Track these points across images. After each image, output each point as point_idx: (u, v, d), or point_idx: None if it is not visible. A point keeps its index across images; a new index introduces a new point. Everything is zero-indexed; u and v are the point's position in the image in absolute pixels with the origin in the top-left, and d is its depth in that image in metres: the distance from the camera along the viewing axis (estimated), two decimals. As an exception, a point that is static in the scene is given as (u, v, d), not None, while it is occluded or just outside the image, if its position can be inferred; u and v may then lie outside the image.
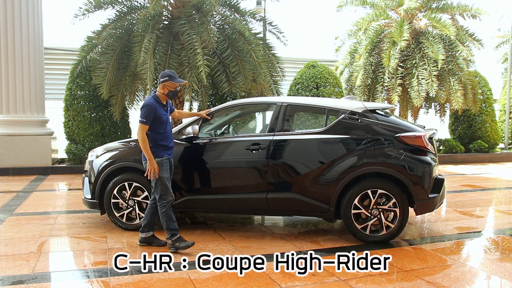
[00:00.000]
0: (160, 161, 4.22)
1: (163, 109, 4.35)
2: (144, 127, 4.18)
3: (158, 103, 4.31)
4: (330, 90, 12.12)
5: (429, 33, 13.29)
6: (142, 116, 4.18)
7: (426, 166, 4.46)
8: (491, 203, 7.23)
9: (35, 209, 6.31)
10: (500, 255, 4.42)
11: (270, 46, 10.71)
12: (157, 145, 4.26)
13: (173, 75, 4.34)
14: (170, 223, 4.22)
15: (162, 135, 4.29)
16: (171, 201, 4.27)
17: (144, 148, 4.17)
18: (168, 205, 4.24)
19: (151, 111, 4.19)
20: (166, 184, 4.23)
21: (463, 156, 14.01)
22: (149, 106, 4.20)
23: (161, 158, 4.24)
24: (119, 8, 10.04)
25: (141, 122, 4.18)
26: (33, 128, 10.83)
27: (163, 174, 4.22)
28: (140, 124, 4.18)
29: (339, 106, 4.78)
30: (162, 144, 4.28)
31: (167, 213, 4.22)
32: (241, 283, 3.44)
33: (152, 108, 4.21)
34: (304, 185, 4.56)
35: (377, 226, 4.49)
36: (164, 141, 4.31)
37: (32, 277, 3.54)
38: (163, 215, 4.23)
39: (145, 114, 4.18)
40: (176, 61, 9.34)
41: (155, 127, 4.25)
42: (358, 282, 3.48)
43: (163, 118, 4.30)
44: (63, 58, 14.66)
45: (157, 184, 4.23)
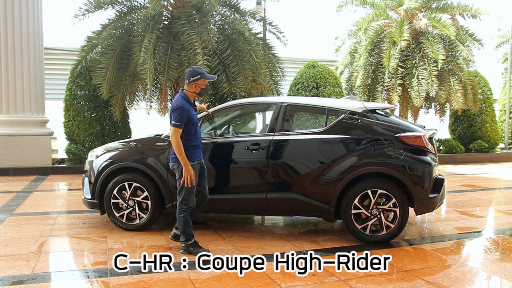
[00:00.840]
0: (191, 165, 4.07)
1: (193, 109, 4.19)
2: (178, 130, 3.98)
3: (189, 103, 4.13)
4: (330, 90, 12.12)
5: (429, 33, 13.29)
6: (176, 120, 3.97)
7: (426, 166, 4.46)
8: (491, 203, 7.23)
9: (35, 209, 6.31)
10: (500, 255, 4.41)
11: (270, 46, 10.71)
12: (188, 149, 4.08)
13: (203, 72, 4.17)
14: (187, 227, 4.13)
15: (193, 136, 4.13)
16: (191, 207, 4.15)
17: (180, 154, 3.98)
18: (188, 211, 4.13)
19: (184, 114, 3.99)
20: (191, 190, 4.10)
21: (463, 156, 14.01)
22: (182, 108, 3.99)
23: (192, 163, 4.08)
24: (119, 8, 10.05)
25: (174, 126, 3.97)
26: (33, 128, 10.83)
27: None
28: (174, 128, 3.97)
29: (339, 106, 4.78)
30: (193, 145, 4.13)
31: (185, 218, 4.12)
32: (241, 283, 3.44)
33: (185, 110, 4.01)
34: (304, 185, 4.56)
35: (377, 226, 4.49)
36: (195, 142, 4.15)
37: (32, 277, 3.54)
38: (181, 219, 4.12)
39: (179, 117, 3.97)
40: (176, 61, 9.34)
41: (187, 129, 4.08)
42: (358, 282, 3.48)
43: (195, 119, 4.15)
44: (63, 58, 14.66)
45: (182, 188, 4.08)
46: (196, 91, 4.17)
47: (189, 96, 4.18)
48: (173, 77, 9.38)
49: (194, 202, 4.16)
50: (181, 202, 4.12)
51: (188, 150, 4.08)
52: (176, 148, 3.99)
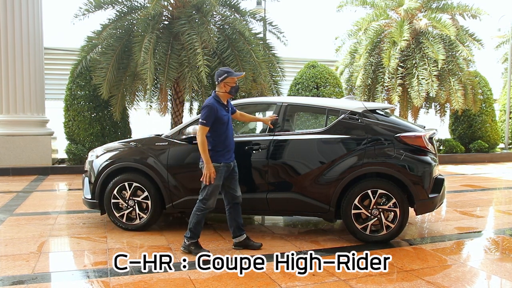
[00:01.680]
0: (216, 167, 4.05)
1: (224, 110, 4.15)
2: (204, 128, 4.00)
3: (219, 103, 4.11)
4: (330, 90, 12.12)
5: (429, 33, 13.29)
6: (203, 118, 4.00)
7: (426, 166, 4.46)
8: (491, 203, 7.23)
9: (35, 209, 6.31)
10: (500, 255, 4.41)
11: (270, 46, 10.71)
12: (216, 149, 4.08)
13: (230, 70, 4.17)
14: (197, 226, 4.13)
15: (222, 137, 4.10)
16: (210, 208, 4.14)
17: (203, 151, 3.99)
18: (205, 212, 4.12)
19: (212, 112, 4.00)
20: (213, 191, 4.08)
21: (463, 156, 14.01)
22: (210, 107, 4.01)
23: (218, 164, 4.06)
24: (119, 8, 10.05)
25: (201, 123, 4.00)
26: (33, 128, 10.83)
27: (215, 181, 4.06)
28: (200, 126, 4.00)
29: (339, 106, 4.78)
30: (222, 147, 4.10)
31: (199, 218, 4.12)
32: (241, 283, 3.44)
33: (213, 109, 4.01)
34: (304, 185, 4.56)
35: (377, 226, 4.49)
36: (224, 144, 4.12)
37: (32, 277, 3.54)
38: (195, 217, 4.12)
39: (206, 115, 3.99)
40: (176, 61, 9.34)
41: (216, 129, 4.06)
42: (358, 282, 3.48)
43: (225, 119, 4.11)
44: (63, 58, 14.66)
45: (205, 187, 4.07)
46: (227, 90, 4.15)
47: (220, 97, 4.16)
48: (173, 77, 9.38)
49: (214, 204, 4.13)
50: (200, 201, 4.12)
51: (216, 151, 4.08)
52: (199, 145, 4.00)
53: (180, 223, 5.56)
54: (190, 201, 4.84)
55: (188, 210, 5.04)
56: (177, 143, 4.89)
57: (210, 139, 4.07)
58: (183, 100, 10.90)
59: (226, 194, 4.28)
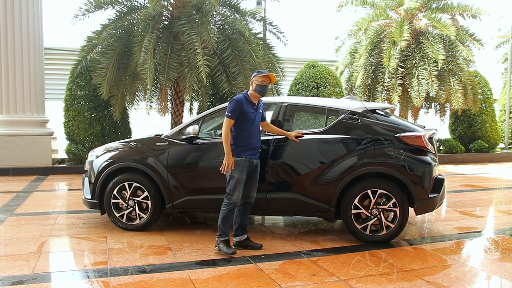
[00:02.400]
0: (237, 161, 4.09)
1: (251, 107, 4.19)
2: (229, 121, 4.08)
3: (247, 100, 4.19)
4: (330, 90, 12.12)
5: (429, 33, 13.29)
6: (228, 110, 4.09)
7: (426, 166, 4.46)
8: (491, 203, 7.23)
9: (35, 209, 6.31)
10: (500, 255, 4.41)
11: (270, 46, 10.71)
12: (238, 144, 4.13)
13: (259, 70, 4.28)
14: (225, 224, 4.15)
15: (246, 133, 4.15)
16: (235, 203, 4.14)
17: (225, 141, 4.07)
18: (231, 207, 4.14)
19: (237, 106, 4.08)
20: (236, 185, 4.10)
21: (463, 156, 14.01)
22: (236, 100, 4.11)
23: (239, 158, 4.10)
24: (119, 8, 10.05)
25: (226, 116, 4.08)
26: (33, 128, 10.83)
27: (236, 174, 4.09)
28: (226, 118, 4.09)
29: (339, 106, 4.78)
30: (245, 143, 4.14)
31: (226, 214, 4.14)
32: (241, 283, 3.44)
33: (239, 103, 4.10)
34: (304, 185, 4.56)
35: (377, 226, 4.49)
36: (248, 141, 4.16)
37: (32, 277, 3.54)
38: (223, 213, 4.15)
39: (231, 109, 4.08)
40: (176, 61, 9.34)
41: (241, 124, 4.13)
42: (358, 282, 3.48)
43: (250, 116, 4.15)
44: (63, 58, 14.68)
45: (229, 182, 4.13)
46: (253, 89, 4.22)
47: (250, 95, 4.24)
48: (173, 77, 9.39)
49: (239, 199, 4.15)
50: (226, 197, 4.15)
51: (238, 145, 4.13)
52: (223, 137, 4.09)
53: (180, 223, 5.56)
54: (190, 201, 4.85)
55: (188, 210, 5.06)
56: (177, 143, 4.90)
57: (234, 133, 4.14)
58: (183, 100, 10.90)
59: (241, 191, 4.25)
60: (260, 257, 4.05)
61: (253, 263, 3.89)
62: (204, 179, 4.84)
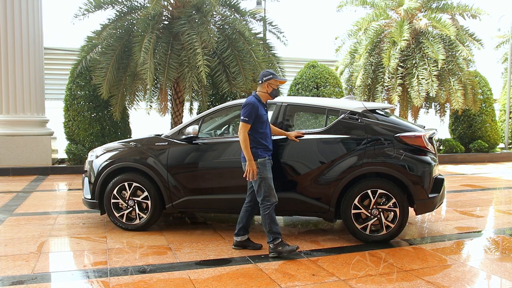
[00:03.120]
0: (262, 161, 4.06)
1: (263, 109, 4.18)
2: (246, 126, 4.03)
3: (259, 102, 4.15)
4: (330, 90, 12.12)
5: (429, 33, 13.29)
6: (245, 115, 4.02)
7: (426, 166, 4.46)
8: (491, 203, 7.23)
9: (35, 209, 6.31)
10: (500, 255, 4.41)
11: (270, 46, 10.72)
12: (259, 145, 4.10)
13: (275, 73, 4.21)
14: (273, 225, 4.05)
15: (262, 135, 4.12)
16: (274, 203, 4.07)
17: (245, 147, 4.01)
18: (272, 207, 4.06)
19: (253, 110, 4.03)
20: (270, 184, 4.06)
21: (463, 156, 14.01)
22: (252, 104, 4.05)
23: (263, 158, 4.07)
24: (119, 8, 10.06)
25: (243, 121, 4.02)
26: (33, 128, 10.83)
27: (267, 174, 4.05)
28: (242, 123, 4.02)
29: (339, 106, 4.78)
30: (263, 144, 4.12)
31: (270, 215, 4.05)
32: (241, 283, 3.44)
33: (255, 107, 4.04)
34: (304, 185, 4.56)
35: (377, 226, 4.49)
36: (265, 141, 4.14)
37: (32, 277, 3.54)
38: (266, 217, 4.04)
39: (248, 113, 4.02)
40: (176, 61, 9.34)
41: (256, 127, 4.09)
42: (358, 282, 3.48)
43: (264, 118, 4.15)
44: (63, 58, 14.68)
45: (260, 185, 4.04)
46: (268, 91, 4.19)
47: (261, 96, 4.21)
48: (173, 77, 9.39)
49: (276, 196, 4.11)
50: (263, 200, 4.06)
51: (258, 148, 4.08)
52: (242, 142, 4.02)
53: (180, 223, 5.56)
54: (190, 201, 4.85)
55: (188, 210, 5.06)
56: (177, 143, 4.90)
57: (251, 136, 4.08)
58: (183, 100, 10.90)
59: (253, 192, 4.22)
60: (260, 257, 4.05)
61: (253, 263, 3.89)
62: (204, 179, 4.84)
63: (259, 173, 4.04)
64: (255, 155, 4.05)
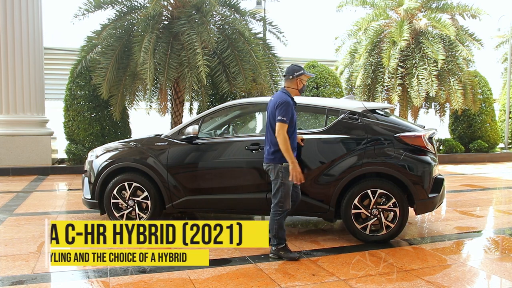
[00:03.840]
0: (286, 167, 3.89)
1: (294, 107, 4.02)
2: (284, 126, 3.80)
3: (292, 100, 4.00)
4: (330, 90, 12.13)
5: (429, 33, 13.30)
6: (282, 114, 3.80)
7: (426, 166, 4.46)
8: (491, 203, 7.23)
9: (35, 209, 6.31)
10: (500, 254, 4.42)
11: (270, 46, 10.72)
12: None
13: (302, 67, 4.06)
14: (280, 231, 3.96)
15: (293, 136, 3.97)
16: (287, 210, 3.98)
17: (286, 150, 3.81)
18: (284, 214, 3.97)
19: (289, 108, 3.84)
20: (288, 192, 3.95)
21: (463, 156, 14.01)
22: (288, 103, 3.85)
23: (288, 164, 3.90)
24: (119, 8, 10.06)
25: (281, 121, 3.80)
26: (33, 128, 10.83)
27: (287, 180, 3.92)
28: (280, 123, 3.80)
29: (339, 106, 4.78)
30: (292, 146, 3.93)
31: (279, 222, 3.95)
32: (241, 283, 3.44)
33: (290, 106, 3.87)
34: (304, 185, 4.54)
35: (377, 226, 4.49)
36: (292, 144, 3.95)
37: (32, 277, 3.54)
38: (275, 222, 3.94)
39: (285, 112, 3.80)
40: (176, 61, 9.34)
41: (289, 128, 3.89)
42: (358, 282, 3.48)
43: (295, 117, 4.02)
44: (63, 58, 14.69)
45: (279, 190, 3.92)
46: (299, 87, 4.06)
47: (290, 93, 4.04)
48: (173, 77, 9.39)
49: (290, 205, 4.01)
50: (276, 205, 3.96)
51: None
52: (283, 144, 3.81)
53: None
54: (190, 201, 4.85)
55: (188, 210, 5.06)
56: (177, 143, 4.90)
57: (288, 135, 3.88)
58: (183, 100, 10.90)
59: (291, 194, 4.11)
60: (260, 257, 4.05)
61: (252, 263, 3.89)
62: (204, 179, 4.84)
63: (281, 177, 3.91)
64: (282, 158, 3.88)
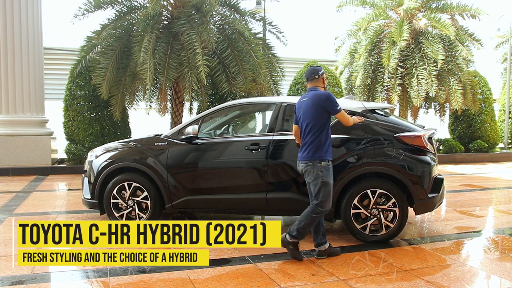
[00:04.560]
0: (326, 166, 3.88)
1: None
2: (344, 113, 3.97)
3: None
4: (330, 90, 12.13)
5: (428, 33, 13.30)
6: (336, 105, 3.88)
7: (425, 165, 4.46)
8: (490, 203, 7.24)
9: (35, 209, 6.31)
10: (499, 254, 4.42)
11: (270, 46, 10.72)
12: (328, 145, 3.91)
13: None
14: (307, 228, 3.90)
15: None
16: (327, 211, 3.91)
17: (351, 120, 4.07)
18: (321, 215, 3.90)
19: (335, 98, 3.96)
20: (330, 191, 3.88)
21: (463, 156, 14.02)
22: (331, 94, 3.97)
23: (327, 162, 3.89)
24: (119, 8, 10.06)
25: (339, 110, 3.89)
26: (33, 128, 10.83)
27: (329, 179, 3.88)
28: (341, 112, 3.91)
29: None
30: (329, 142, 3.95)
31: (313, 220, 3.89)
32: (240, 283, 3.44)
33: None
34: (303, 185, 4.56)
35: (376, 226, 4.49)
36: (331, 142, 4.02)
37: (32, 277, 3.54)
38: (309, 219, 3.87)
39: (336, 101, 3.93)
40: (176, 61, 9.35)
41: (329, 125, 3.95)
42: (357, 282, 3.48)
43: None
44: (63, 58, 14.68)
45: (320, 190, 3.84)
46: (325, 85, 4.14)
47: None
48: (173, 77, 9.39)
49: (330, 205, 3.95)
50: (317, 205, 3.87)
51: (326, 146, 3.91)
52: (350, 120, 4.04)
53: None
54: (190, 201, 4.85)
55: (188, 210, 5.06)
56: (176, 143, 4.90)
57: (324, 133, 3.91)
58: (183, 100, 10.91)
59: None
60: (260, 257, 4.05)
61: (252, 263, 3.90)
62: (203, 179, 4.84)
63: (322, 176, 3.85)
64: (325, 154, 3.87)
